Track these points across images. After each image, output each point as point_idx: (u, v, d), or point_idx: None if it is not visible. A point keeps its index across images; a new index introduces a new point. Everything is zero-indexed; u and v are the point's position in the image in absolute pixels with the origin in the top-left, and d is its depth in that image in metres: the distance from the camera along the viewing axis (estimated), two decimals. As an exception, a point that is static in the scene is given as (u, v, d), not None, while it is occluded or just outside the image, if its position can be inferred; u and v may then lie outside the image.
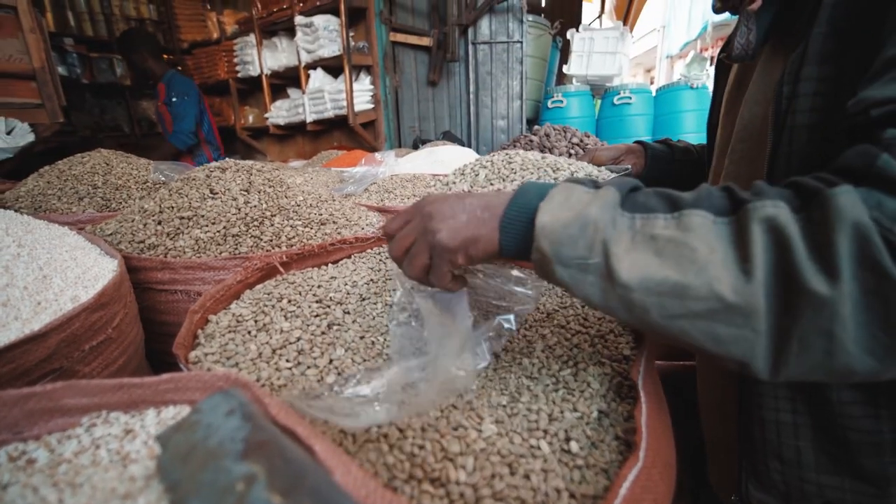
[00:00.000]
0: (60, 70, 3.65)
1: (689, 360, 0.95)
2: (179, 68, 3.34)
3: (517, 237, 0.45)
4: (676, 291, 0.37)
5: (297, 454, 0.26)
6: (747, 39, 0.55)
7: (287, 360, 0.54)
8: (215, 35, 4.52)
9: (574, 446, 0.44)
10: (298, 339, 0.58)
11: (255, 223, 0.87)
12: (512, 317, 0.56)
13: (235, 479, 0.23)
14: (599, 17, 5.51)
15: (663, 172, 0.96)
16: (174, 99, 2.94)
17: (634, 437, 0.46)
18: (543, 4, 4.39)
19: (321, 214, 0.95)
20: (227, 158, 1.03)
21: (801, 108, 0.47)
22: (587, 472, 0.42)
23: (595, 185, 0.45)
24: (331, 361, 0.55)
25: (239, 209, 0.88)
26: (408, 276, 0.52)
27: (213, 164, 0.98)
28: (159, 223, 0.86)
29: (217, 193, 0.90)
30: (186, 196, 0.90)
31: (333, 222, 0.95)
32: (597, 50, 3.73)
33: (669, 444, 0.46)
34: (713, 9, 0.63)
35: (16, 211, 0.90)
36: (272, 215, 0.89)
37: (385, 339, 0.62)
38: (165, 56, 4.73)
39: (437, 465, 0.40)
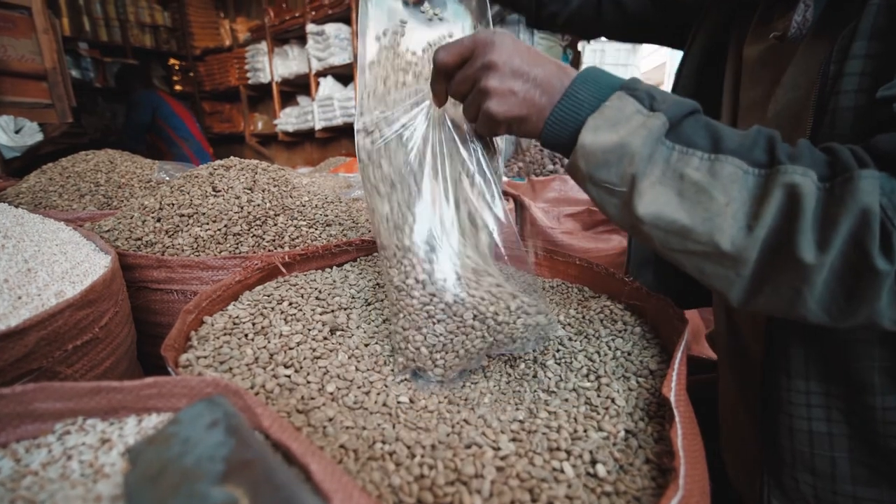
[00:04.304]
0: (74, 73, 3.69)
1: (705, 374, 0.90)
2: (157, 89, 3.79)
3: (559, 139, 0.46)
4: (681, 232, 0.40)
5: (288, 477, 0.22)
6: (804, 17, 0.50)
7: (285, 367, 0.50)
8: (227, 42, 4.58)
9: (601, 470, 0.40)
10: (299, 343, 0.54)
11: (258, 222, 0.83)
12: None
13: (211, 508, 0.19)
14: (610, 30, 5.51)
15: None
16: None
17: (667, 460, 0.41)
18: (554, 17, 4.40)
19: (327, 216, 0.91)
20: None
21: (847, 88, 0.44)
22: (617, 501, 0.37)
23: (652, 98, 0.43)
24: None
25: (241, 207, 0.84)
26: (464, 114, 0.52)
27: (218, 161, 0.95)
28: (158, 220, 0.82)
29: (220, 191, 0.87)
30: (188, 193, 0.86)
31: (339, 224, 0.92)
32: (608, 62, 3.72)
33: (704, 469, 0.41)
34: None
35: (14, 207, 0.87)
36: (276, 215, 0.86)
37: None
38: (176, 62, 4.79)
39: (448, 489, 0.36)
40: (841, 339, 0.48)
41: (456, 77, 0.49)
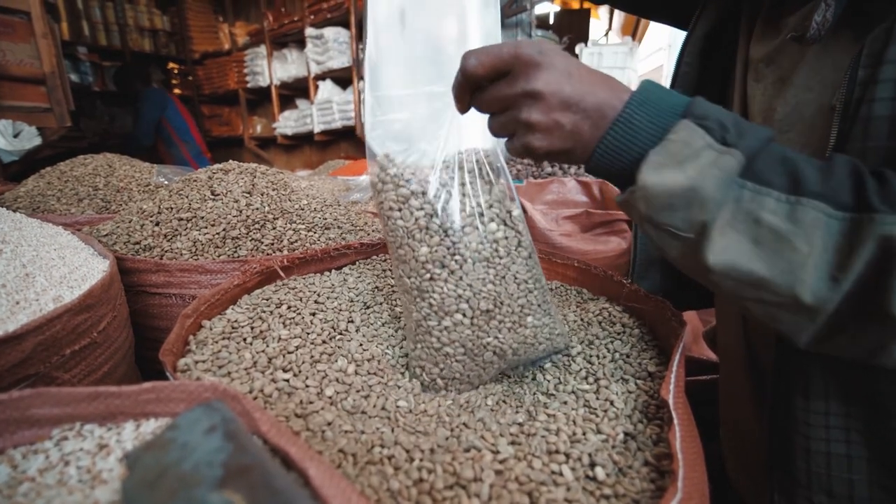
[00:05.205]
0: (73, 77, 3.69)
1: (707, 375, 0.90)
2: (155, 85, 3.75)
3: (610, 168, 0.40)
4: (757, 284, 0.37)
5: (286, 482, 0.22)
6: (824, 17, 0.46)
7: (284, 371, 0.50)
8: (227, 46, 4.58)
9: (600, 473, 0.40)
10: (297, 347, 0.54)
11: (257, 226, 0.83)
12: None
13: (209, 513, 0.19)
14: (607, 33, 5.54)
15: None
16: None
17: (667, 463, 0.41)
18: (552, 20, 4.42)
19: (325, 219, 0.91)
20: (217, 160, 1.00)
21: (882, 95, 0.40)
22: (616, 503, 0.37)
23: (723, 129, 0.37)
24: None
25: (240, 211, 0.84)
26: (489, 128, 0.46)
27: (216, 165, 0.95)
28: (157, 224, 0.83)
29: (218, 195, 0.87)
30: (187, 197, 0.87)
31: (338, 227, 0.92)
32: (605, 65, 3.73)
33: (703, 471, 0.41)
34: None
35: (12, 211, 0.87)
36: (274, 218, 0.86)
37: (393, 351, 0.58)
38: (175, 66, 4.80)
39: (447, 493, 0.36)
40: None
41: (487, 93, 0.44)
